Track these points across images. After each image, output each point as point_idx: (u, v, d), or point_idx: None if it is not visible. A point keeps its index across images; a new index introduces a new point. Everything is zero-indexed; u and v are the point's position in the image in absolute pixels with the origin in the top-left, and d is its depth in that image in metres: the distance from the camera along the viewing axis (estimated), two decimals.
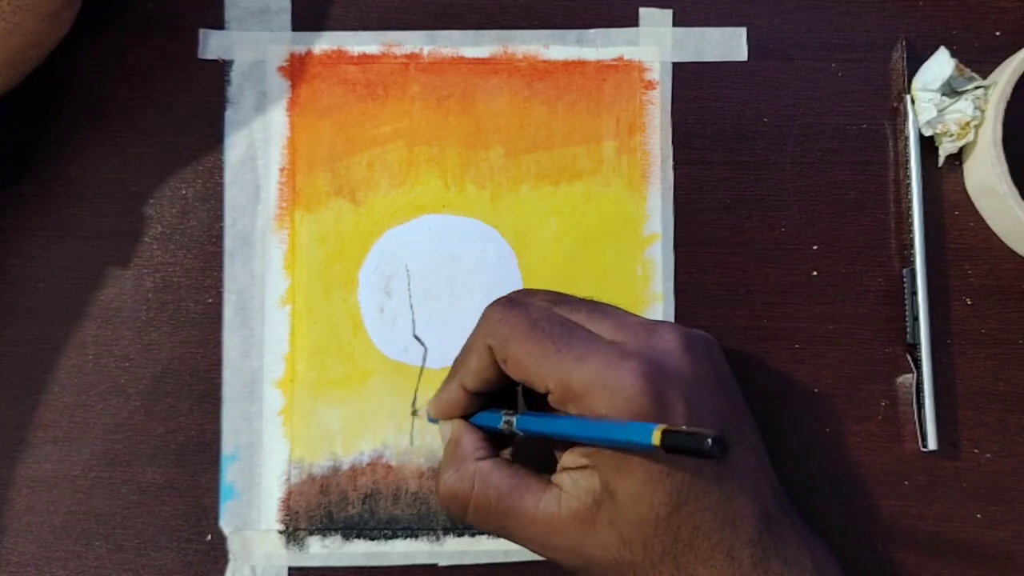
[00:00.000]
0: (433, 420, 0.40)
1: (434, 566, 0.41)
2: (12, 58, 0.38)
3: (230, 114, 0.43)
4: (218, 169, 0.43)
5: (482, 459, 0.37)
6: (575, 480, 0.35)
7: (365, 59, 0.44)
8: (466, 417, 0.39)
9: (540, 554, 0.36)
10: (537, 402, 0.38)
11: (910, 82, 0.42)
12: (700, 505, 0.34)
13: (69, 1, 0.39)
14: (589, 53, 0.43)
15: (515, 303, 0.37)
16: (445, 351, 0.42)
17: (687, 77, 0.43)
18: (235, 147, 0.43)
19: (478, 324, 0.37)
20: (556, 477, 0.36)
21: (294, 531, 0.41)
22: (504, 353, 0.36)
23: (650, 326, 0.37)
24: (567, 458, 0.36)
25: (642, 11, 0.44)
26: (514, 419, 0.37)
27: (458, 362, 0.38)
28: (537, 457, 0.39)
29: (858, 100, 0.43)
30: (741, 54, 0.43)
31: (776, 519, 0.36)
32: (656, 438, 0.31)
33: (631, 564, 0.35)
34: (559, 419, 0.35)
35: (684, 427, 0.31)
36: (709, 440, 0.30)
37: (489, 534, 0.40)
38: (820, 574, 0.36)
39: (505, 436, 0.38)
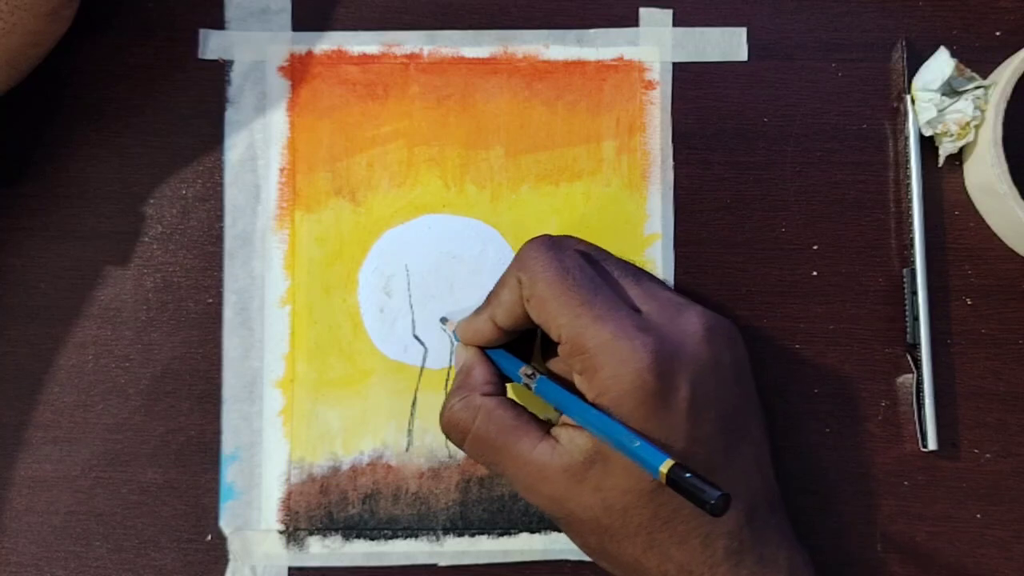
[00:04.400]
0: (457, 340, 0.40)
1: (434, 566, 0.41)
2: (11, 57, 0.38)
3: (230, 114, 0.43)
4: (218, 169, 0.43)
5: (488, 394, 0.37)
6: (572, 437, 0.36)
7: (365, 59, 0.43)
8: (487, 348, 0.39)
9: (524, 496, 0.37)
10: (550, 350, 0.39)
11: (910, 82, 0.42)
12: None
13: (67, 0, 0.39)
14: (589, 53, 0.43)
15: (554, 245, 0.37)
16: (445, 351, 0.42)
17: (687, 77, 0.43)
18: (235, 147, 0.43)
19: (514, 258, 0.38)
20: (555, 430, 0.36)
21: (294, 531, 0.41)
22: (530, 291, 0.36)
23: (680, 305, 0.37)
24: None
25: (642, 11, 0.44)
26: (534, 382, 0.37)
27: (491, 294, 0.39)
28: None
29: (858, 100, 0.43)
30: (741, 54, 0.43)
31: (761, 516, 0.36)
32: (663, 472, 0.32)
33: (607, 529, 0.35)
34: (580, 404, 0.35)
35: (691, 474, 0.31)
36: (714, 497, 0.30)
37: (482, 465, 0.40)
38: None
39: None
